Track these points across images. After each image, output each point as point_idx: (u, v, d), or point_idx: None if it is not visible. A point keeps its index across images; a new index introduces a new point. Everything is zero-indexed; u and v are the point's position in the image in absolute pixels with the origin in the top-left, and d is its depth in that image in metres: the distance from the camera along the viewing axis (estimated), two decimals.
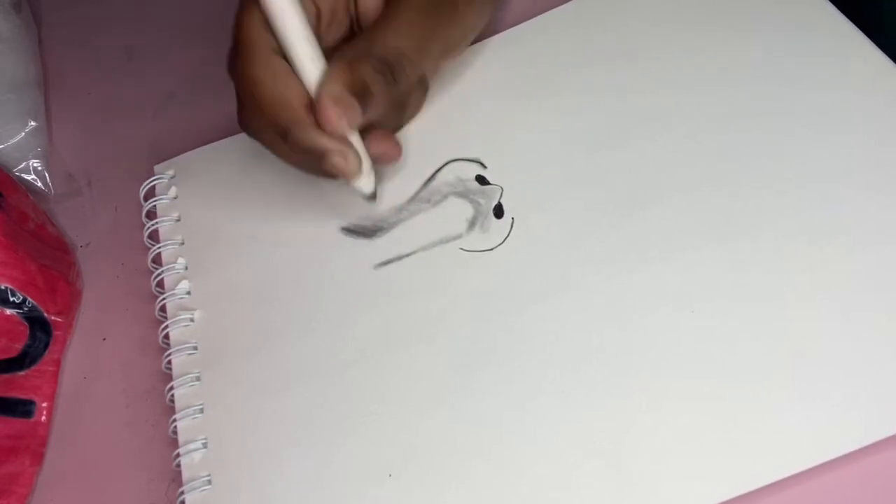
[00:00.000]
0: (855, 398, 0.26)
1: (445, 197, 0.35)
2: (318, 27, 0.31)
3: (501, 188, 0.34)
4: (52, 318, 0.35)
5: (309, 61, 0.29)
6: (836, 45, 0.34)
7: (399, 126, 0.36)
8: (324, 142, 0.30)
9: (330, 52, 0.30)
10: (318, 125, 0.29)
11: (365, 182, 0.32)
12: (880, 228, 0.29)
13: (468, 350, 0.30)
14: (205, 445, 0.31)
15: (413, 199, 0.35)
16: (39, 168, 0.41)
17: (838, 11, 0.34)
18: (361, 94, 0.29)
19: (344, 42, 0.33)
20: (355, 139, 0.31)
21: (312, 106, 0.29)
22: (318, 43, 0.30)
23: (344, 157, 0.30)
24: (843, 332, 0.28)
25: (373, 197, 0.33)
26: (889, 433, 0.26)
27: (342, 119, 0.29)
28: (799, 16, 0.35)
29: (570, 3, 0.39)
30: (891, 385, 0.26)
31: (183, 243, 0.36)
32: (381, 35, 0.30)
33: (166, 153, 0.40)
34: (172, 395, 0.32)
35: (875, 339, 0.27)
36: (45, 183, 0.41)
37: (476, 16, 0.35)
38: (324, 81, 0.29)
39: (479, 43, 0.38)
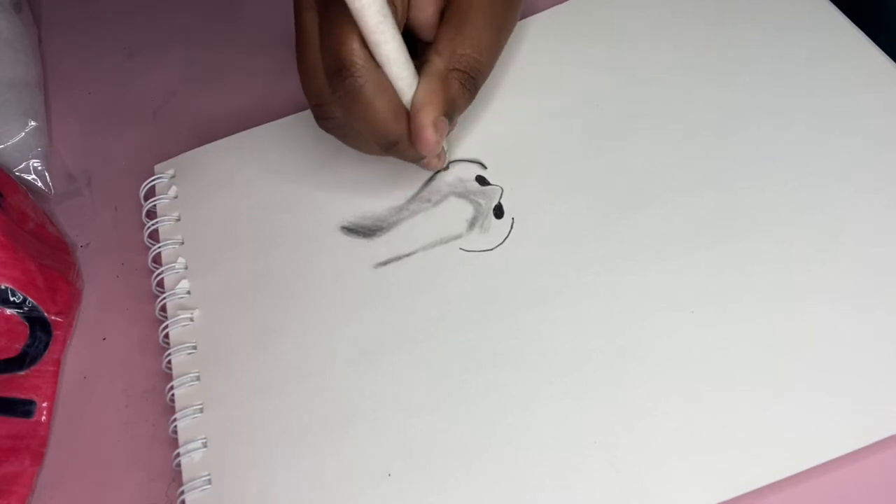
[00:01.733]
0: (855, 398, 0.26)
1: (445, 197, 0.35)
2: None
3: (501, 188, 0.34)
4: (52, 318, 0.35)
5: (409, 80, 0.30)
6: (836, 45, 0.34)
7: None
8: (428, 155, 0.32)
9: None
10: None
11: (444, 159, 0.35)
12: (880, 229, 0.29)
13: (468, 350, 0.30)
14: (205, 445, 0.31)
15: (413, 198, 0.35)
16: (39, 168, 0.41)
17: (839, 11, 0.34)
18: (450, 112, 0.31)
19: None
20: None
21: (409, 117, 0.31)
22: (407, 51, 0.30)
23: (439, 157, 0.34)
24: (843, 333, 0.28)
25: (447, 167, 0.35)
26: (889, 433, 0.26)
27: (439, 140, 0.30)
28: (799, 16, 0.35)
29: (569, 2, 0.39)
30: (891, 385, 0.26)
31: (183, 243, 0.36)
32: (461, 47, 0.31)
33: (166, 153, 0.40)
34: (172, 395, 0.32)
35: (875, 340, 0.27)
36: (45, 183, 0.41)
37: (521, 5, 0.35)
38: (420, 105, 0.30)
39: None
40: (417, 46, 0.32)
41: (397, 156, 0.32)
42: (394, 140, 0.31)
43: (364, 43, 0.29)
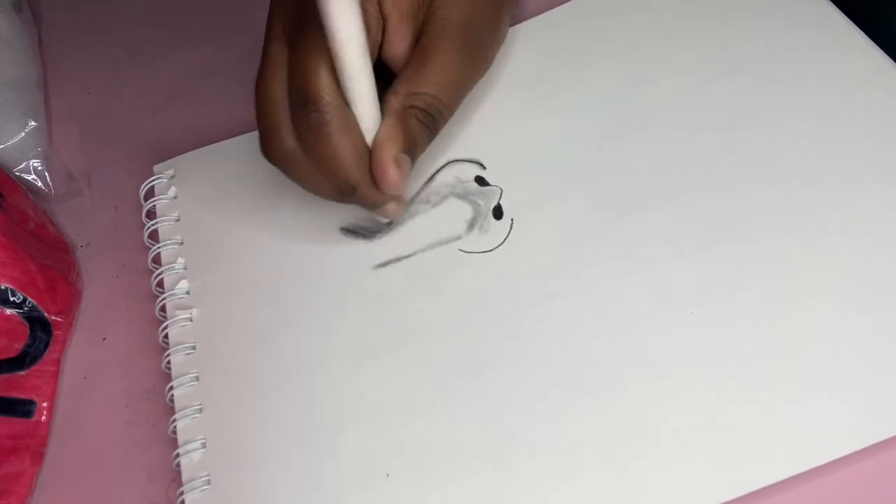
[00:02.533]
0: (855, 399, 0.26)
1: (445, 198, 0.35)
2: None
3: (501, 189, 0.34)
4: (52, 318, 0.35)
5: (374, 118, 0.30)
6: (836, 45, 0.34)
7: None
8: (384, 196, 0.31)
9: None
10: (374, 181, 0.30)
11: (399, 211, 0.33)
12: (880, 229, 0.29)
13: (467, 351, 0.30)
14: (204, 445, 0.31)
15: (412, 199, 0.35)
16: (39, 168, 0.41)
17: (838, 11, 0.34)
18: (411, 150, 0.30)
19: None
20: None
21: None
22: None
23: (398, 204, 0.32)
24: (843, 333, 0.28)
25: (391, 223, 0.34)
26: (889, 434, 0.26)
27: (402, 180, 0.30)
28: (799, 15, 0.35)
29: (570, 3, 0.39)
30: (891, 385, 0.26)
31: (182, 243, 0.36)
32: (421, 86, 0.30)
33: (166, 153, 0.40)
34: (172, 395, 0.32)
35: (875, 340, 0.27)
36: (45, 183, 0.41)
37: (499, 47, 0.35)
38: (381, 143, 0.29)
39: None
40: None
41: (354, 201, 0.31)
42: (353, 183, 0.30)
43: (334, 79, 0.28)
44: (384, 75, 0.32)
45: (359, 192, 0.30)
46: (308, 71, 0.28)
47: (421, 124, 0.30)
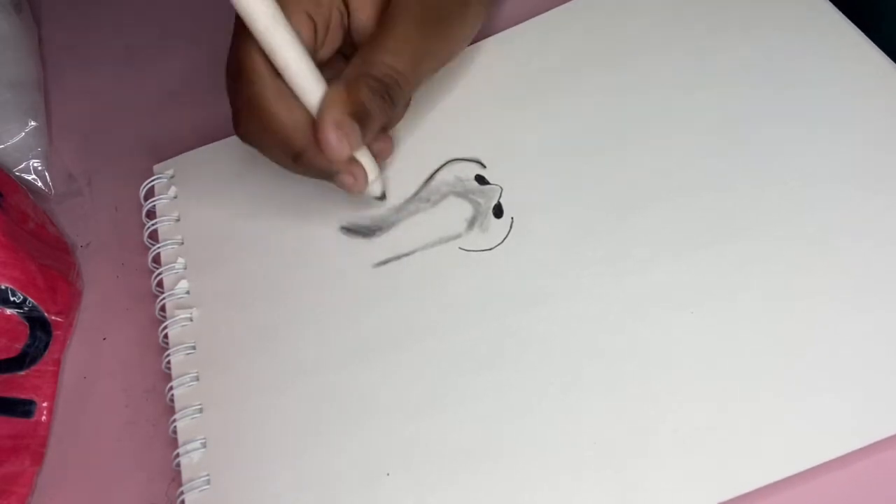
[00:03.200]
0: (855, 398, 0.26)
1: (445, 196, 0.35)
2: (314, 42, 0.31)
3: (501, 188, 0.34)
4: (52, 317, 0.35)
5: (309, 87, 0.30)
6: (836, 45, 0.34)
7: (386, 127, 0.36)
8: (335, 163, 0.30)
9: (325, 66, 0.31)
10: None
11: (376, 186, 0.33)
12: (880, 229, 0.29)
13: (467, 349, 0.30)
14: (203, 445, 0.31)
15: (412, 198, 0.35)
16: (39, 168, 0.41)
17: (838, 11, 0.34)
18: (361, 116, 0.30)
19: (338, 54, 0.33)
20: (362, 153, 0.32)
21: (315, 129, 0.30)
22: (314, 62, 0.30)
23: (353, 175, 0.32)
24: (843, 333, 0.28)
25: (382, 197, 0.34)
26: (889, 433, 0.26)
27: (343, 143, 0.29)
28: (798, 16, 0.35)
29: (570, 3, 0.39)
30: (891, 385, 0.26)
31: (182, 243, 0.36)
32: (377, 55, 0.30)
33: (166, 153, 0.40)
34: (172, 395, 0.32)
35: (875, 340, 0.27)
36: (45, 183, 0.41)
37: (470, 27, 0.35)
38: (324, 107, 0.30)
39: (479, 42, 0.38)
40: None
41: (307, 170, 0.31)
42: (296, 150, 0.30)
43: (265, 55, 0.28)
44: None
45: (304, 157, 0.30)
46: (238, 42, 0.29)
47: (373, 93, 0.30)
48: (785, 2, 0.35)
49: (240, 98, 0.30)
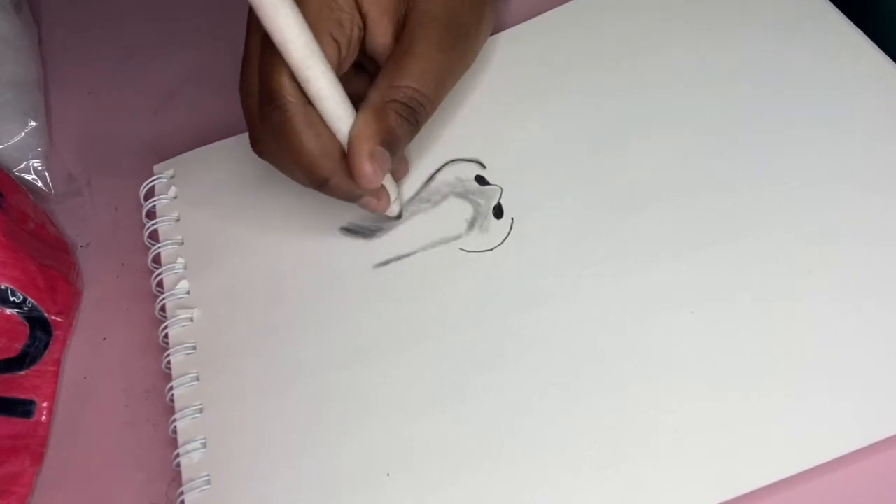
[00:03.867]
0: (855, 398, 0.26)
1: (445, 197, 0.35)
2: (338, 64, 0.30)
3: (501, 188, 0.34)
4: (52, 318, 0.35)
5: (341, 115, 0.30)
6: (836, 45, 0.34)
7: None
8: (359, 189, 0.31)
9: (344, 82, 0.30)
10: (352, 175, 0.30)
11: (395, 207, 0.34)
12: (880, 229, 0.29)
13: (467, 350, 0.30)
14: (204, 445, 0.31)
15: (412, 199, 0.35)
16: (39, 168, 0.41)
17: (838, 11, 0.34)
18: (390, 143, 0.30)
19: (354, 68, 0.33)
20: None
21: (345, 155, 0.30)
22: (339, 86, 0.30)
23: (378, 197, 0.32)
24: (843, 333, 0.28)
25: (399, 216, 0.34)
26: (889, 433, 0.26)
27: (377, 173, 0.30)
28: (799, 16, 0.35)
29: (570, 3, 0.39)
30: (891, 385, 0.26)
31: (182, 243, 0.36)
32: (402, 80, 0.30)
33: (166, 153, 0.40)
34: (172, 395, 0.32)
35: (875, 340, 0.27)
36: (45, 183, 0.41)
37: (484, 38, 0.35)
38: (357, 137, 0.29)
39: None
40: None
41: (331, 193, 0.31)
42: (323, 177, 0.30)
43: (294, 77, 0.28)
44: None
45: (331, 183, 0.30)
46: (270, 69, 0.29)
47: (400, 118, 0.30)
48: (785, 2, 0.35)
49: (267, 122, 0.30)
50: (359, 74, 0.34)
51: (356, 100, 0.30)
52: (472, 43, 0.34)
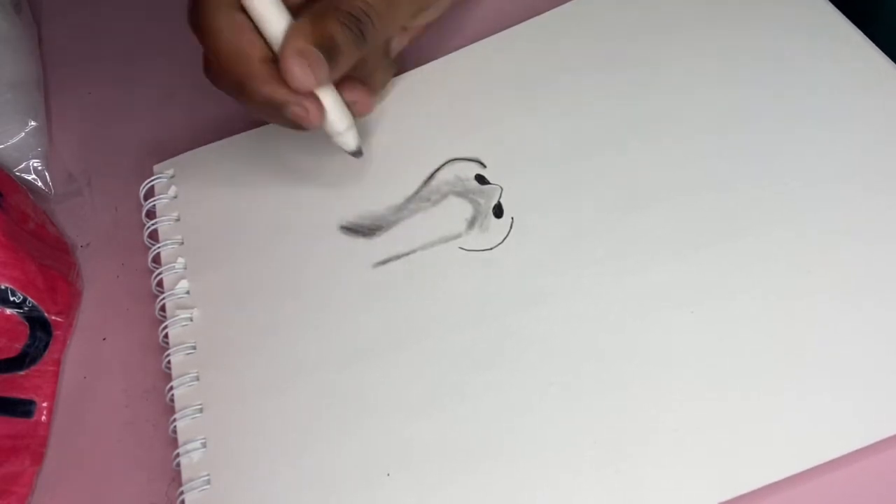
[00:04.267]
0: (855, 398, 0.26)
1: (445, 196, 0.35)
2: None
3: (501, 188, 0.34)
4: (53, 317, 0.35)
5: (273, 18, 0.29)
6: (835, 45, 0.34)
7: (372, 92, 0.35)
8: (280, 94, 0.29)
9: (296, 11, 0.30)
10: (280, 79, 0.29)
11: (349, 137, 0.33)
12: (880, 229, 0.29)
13: (467, 349, 0.30)
14: (204, 445, 0.31)
15: (412, 198, 0.35)
16: (39, 168, 0.41)
17: (838, 11, 0.34)
18: (328, 49, 0.29)
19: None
20: (331, 94, 0.31)
21: (276, 60, 0.29)
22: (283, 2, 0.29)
23: (303, 107, 0.30)
24: (843, 333, 0.28)
25: (358, 152, 0.33)
26: (889, 433, 0.26)
27: (307, 72, 0.29)
28: (798, 16, 0.35)
29: (570, 3, 0.39)
30: (891, 385, 0.26)
31: (182, 243, 0.36)
32: None
33: (166, 153, 0.40)
34: (172, 395, 0.32)
35: (875, 340, 0.27)
36: (45, 183, 0.41)
37: None
38: (289, 35, 0.29)
39: (479, 42, 0.38)
40: None
41: (251, 103, 0.30)
42: (239, 77, 0.29)
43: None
44: None
45: (248, 87, 0.30)
46: None
47: (342, 25, 0.29)
48: (785, 2, 0.35)
49: (199, 31, 0.29)
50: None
51: None
52: None
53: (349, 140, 0.33)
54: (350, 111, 0.33)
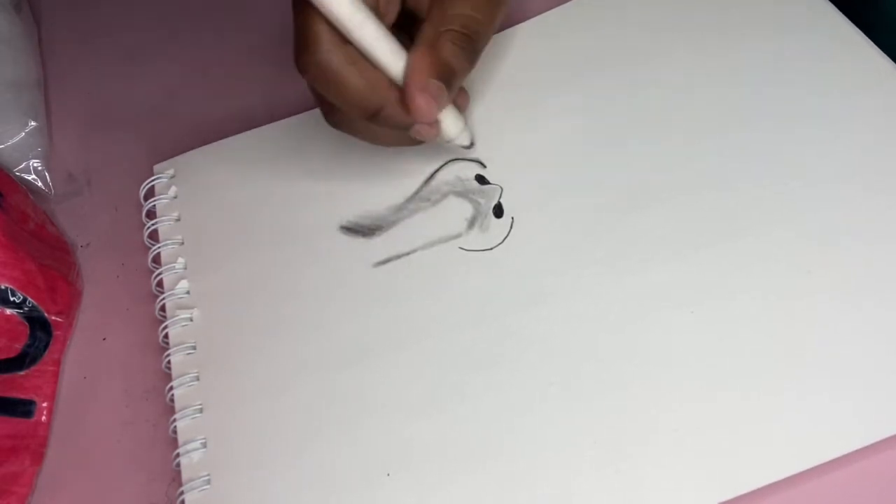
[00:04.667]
0: (855, 398, 0.26)
1: (445, 196, 0.35)
2: (376, 8, 0.30)
3: (501, 188, 0.34)
4: (53, 318, 0.35)
5: (390, 56, 0.30)
6: (836, 46, 0.34)
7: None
8: (408, 120, 0.30)
9: (392, 29, 0.30)
10: (404, 104, 0.30)
11: (464, 136, 0.33)
12: (880, 229, 0.29)
13: (467, 349, 0.30)
14: (204, 445, 0.31)
15: (412, 197, 0.35)
16: (39, 168, 0.41)
17: (838, 11, 0.34)
18: (446, 75, 0.30)
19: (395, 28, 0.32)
20: (449, 109, 0.32)
21: (399, 90, 0.30)
22: (386, 29, 0.30)
23: (431, 126, 0.31)
24: (843, 333, 0.28)
25: (471, 145, 0.34)
26: (889, 433, 0.26)
27: (432, 106, 0.30)
28: (799, 16, 0.35)
29: (571, 2, 0.39)
30: (891, 385, 0.26)
31: (182, 243, 0.36)
32: (455, 7, 0.30)
33: (166, 153, 0.40)
34: (172, 395, 0.32)
35: (875, 340, 0.27)
36: (45, 183, 0.41)
37: None
38: (410, 71, 0.29)
39: None
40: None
41: (384, 124, 0.31)
42: (374, 108, 0.30)
43: (331, 28, 0.29)
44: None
45: (382, 114, 0.30)
46: (303, 20, 0.29)
47: (456, 48, 0.30)
48: (785, 2, 0.35)
49: (315, 73, 0.30)
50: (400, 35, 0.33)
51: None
52: None
53: (465, 138, 0.34)
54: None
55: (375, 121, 0.31)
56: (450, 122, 0.32)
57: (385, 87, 0.30)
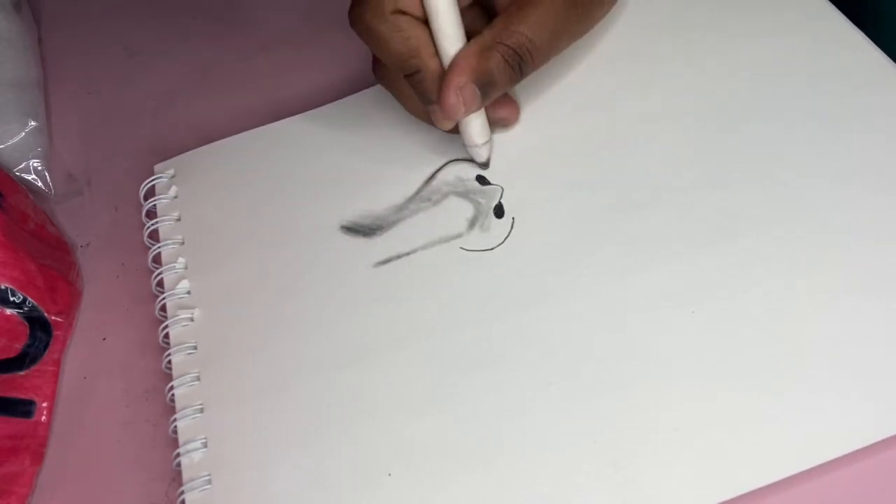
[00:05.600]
0: (855, 398, 0.26)
1: (446, 196, 0.35)
2: None
3: (502, 188, 0.34)
4: (52, 318, 0.35)
5: (450, 35, 0.30)
6: (836, 45, 0.34)
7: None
8: (437, 95, 0.31)
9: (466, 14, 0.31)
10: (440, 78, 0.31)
11: (482, 151, 0.34)
12: (880, 228, 0.29)
13: (468, 349, 0.30)
14: (204, 445, 0.31)
15: (413, 197, 0.35)
16: (39, 168, 0.41)
17: (838, 11, 0.34)
18: (485, 84, 0.31)
19: (477, 8, 0.33)
20: (477, 114, 0.33)
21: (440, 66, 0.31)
22: (459, 15, 0.30)
23: (447, 116, 0.32)
24: (844, 333, 0.28)
25: (486, 165, 0.35)
26: (889, 433, 0.26)
27: (459, 107, 0.31)
28: (798, 15, 0.35)
29: None
30: (891, 385, 0.26)
31: (183, 243, 0.36)
32: (518, 24, 0.30)
33: (166, 153, 0.40)
34: (172, 395, 0.32)
35: (875, 340, 0.27)
36: (45, 183, 0.41)
37: (607, 8, 0.34)
38: (453, 67, 0.30)
39: None
40: None
41: (414, 87, 0.32)
42: (411, 69, 0.31)
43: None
44: None
45: (416, 77, 0.31)
46: None
47: (504, 61, 0.30)
48: (785, 2, 0.35)
49: (357, 26, 0.31)
50: (481, 17, 0.33)
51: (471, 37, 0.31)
52: (596, 8, 0.33)
53: (482, 153, 0.34)
54: (494, 125, 0.34)
55: (411, 82, 0.31)
56: (473, 129, 0.33)
57: (429, 55, 0.31)
